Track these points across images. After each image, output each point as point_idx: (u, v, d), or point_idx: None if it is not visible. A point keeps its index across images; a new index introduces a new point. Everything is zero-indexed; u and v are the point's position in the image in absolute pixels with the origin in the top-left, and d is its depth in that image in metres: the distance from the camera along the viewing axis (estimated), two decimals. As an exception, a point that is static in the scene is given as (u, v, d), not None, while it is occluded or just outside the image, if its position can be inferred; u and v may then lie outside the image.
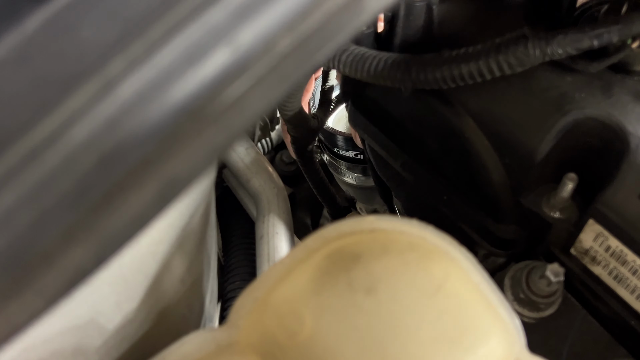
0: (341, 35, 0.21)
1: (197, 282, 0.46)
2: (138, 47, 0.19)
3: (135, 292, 0.35)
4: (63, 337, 0.31)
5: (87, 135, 0.18)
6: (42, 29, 0.19)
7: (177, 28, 0.19)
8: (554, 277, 0.39)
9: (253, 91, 0.20)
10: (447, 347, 0.28)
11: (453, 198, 0.49)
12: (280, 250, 0.59)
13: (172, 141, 0.19)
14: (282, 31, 0.20)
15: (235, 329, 0.30)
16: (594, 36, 0.36)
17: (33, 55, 0.19)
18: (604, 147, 0.40)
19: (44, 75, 0.18)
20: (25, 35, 0.19)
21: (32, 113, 0.18)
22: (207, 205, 0.44)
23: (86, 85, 0.18)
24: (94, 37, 0.19)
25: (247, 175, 0.67)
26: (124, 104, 0.18)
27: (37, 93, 0.18)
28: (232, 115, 0.20)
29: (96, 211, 0.19)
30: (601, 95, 0.40)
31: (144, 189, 0.19)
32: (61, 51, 0.19)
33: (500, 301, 0.31)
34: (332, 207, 0.82)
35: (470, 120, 0.44)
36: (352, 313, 0.29)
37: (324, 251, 0.31)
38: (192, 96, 0.19)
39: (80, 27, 0.19)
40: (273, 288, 0.31)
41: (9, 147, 0.18)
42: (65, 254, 0.19)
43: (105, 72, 0.18)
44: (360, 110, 0.55)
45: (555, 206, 0.42)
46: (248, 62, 0.19)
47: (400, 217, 0.65)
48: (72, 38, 0.19)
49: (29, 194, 0.18)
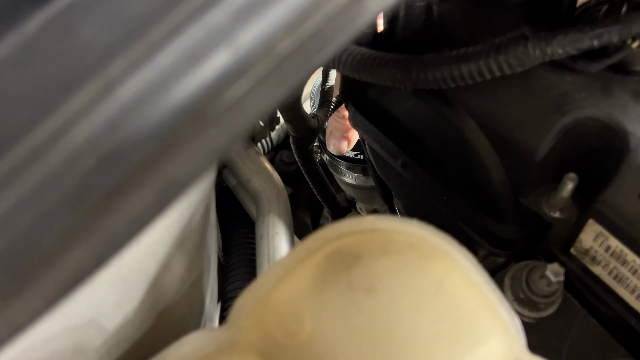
0: (341, 37, 0.21)
1: (197, 282, 0.46)
2: (139, 48, 0.19)
3: (135, 292, 0.35)
4: (63, 337, 0.31)
5: (87, 136, 0.18)
6: (43, 30, 0.19)
7: (178, 29, 0.19)
8: (554, 277, 0.39)
9: (253, 92, 0.20)
10: (447, 346, 0.28)
11: (453, 198, 0.49)
12: (280, 250, 0.59)
13: (173, 142, 0.19)
14: (283, 33, 0.20)
15: (235, 329, 0.30)
16: (594, 36, 0.36)
17: (33, 56, 0.19)
18: (604, 147, 0.40)
19: (45, 76, 0.18)
20: (26, 36, 0.19)
21: (32, 114, 0.18)
22: (207, 205, 0.44)
23: (87, 86, 0.18)
24: (95, 38, 0.19)
25: (247, 175, 0.67)
26: (125, 105, 0.18)
27: (37, 94, 0.18)
28: (232, 116, 0.20)
29: (97, 212, 0.19)
30: (601, 95, 0.40)
31: (144, 189, 0.19)
32: (61, 52, 0.19)
33: (500, 301, 0.31)
34: (332, 207, 0.82)
35: (470, 120, 0.44)
36: (352, 313, 0.29)
37: (324, 251, 0.31)
38: (193, 97, 0.19)
39: (80, 28, 0.19)
40: (273, 288, 0.31)
41: (9, 148, 0.18)
42: (65, 255, 0.19)
43: (105, 73, 0.18)
44: (360, 110, 0.55)
45: (555, 206, 0.42)
46: (248, 63, 0.19)
47: (400, 217, 0.65)
48: (73, 39, 0.19)
49: (29, 194, 0.18)
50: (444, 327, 0.29)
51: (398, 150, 0.53)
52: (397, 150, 0.53)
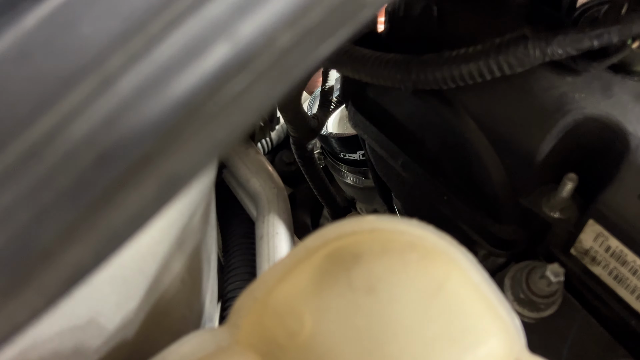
0: (343, 30, 0.21)
1: (197, 282, 0.46)
2: (137, 42, 0.19)
3: (135, 292, 0.35)
4: (63, 337, 0.31)
5: (86, 131, 0.18)
6: (41, 25, 0.19)
7: (177, 22, 0.19)
8: (554, 277, 0.39)
9: (254, 87, 0.20)
10: (447, 346, 0.28)
11: (453, 198, 0.49)
12: (280, 250, 0.59)
13: (172, 137, 0.19)
14: (283, 25, 0.20)
15: (235, 329, 0.30)
16: (594, 36, 0.36)
17: (32, 51, 0.19)
18: (604, 147, 0.40)
19: (43, 71, 0.18)
20: (25, 31, 0.19)
21: (31, 109, 0.18)
22: (207, 205, 0.44)
23: (85, 81, 0.18)
24: (93, 32, 0.19)
25: (247, 175, 0.67)
26: (124, 99, 0.18)
27: (36, 89, 0.18)
28: (232, 111, 0.20)
29: (96, 208, 0.18)
30: (601, 95, 0.40)
31: (144, 185, 0.19)
32: (60, 47, 0.19)
33: (500, 301, 0.31)
34: (332, 207, 0.82)
35: (470, 120, 0.44)
36: (352, 313, 0.29)
37: (324, 251, 0.31)
38: (192, 92, 0.19)
39: (79, 22, 0.19)
40: (273, 288, 0.30)
41: (8, 144, 0.18)
42: (65, 252, 0.19)
43: (104, 67, 0.18)
44: (360, 110, 0.55)
45: (555, 206, 0.42)
46: (248, 57, 0.19)
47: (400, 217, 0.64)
48: (71, 33, 0.19)
49: (28, 191, 0.18)
50: (444, 327, 0.29)
51: (398, 150, 0.53)
52: (397, 150, 0.53)
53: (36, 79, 0.18)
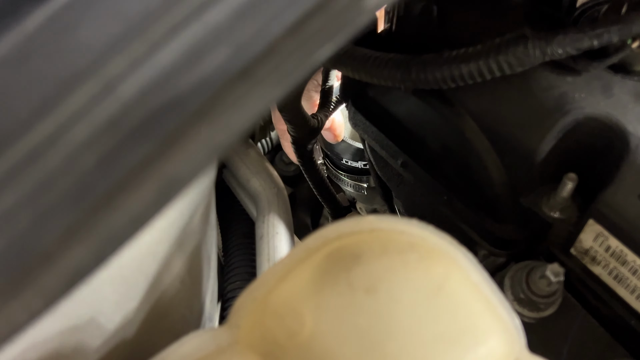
0: (341, 35, 0.21)
1: (197, 282, 0.46)
2: (139, 46, 0.19)
3: (135, 292, 0.35)
4: (63, 337, 0.31)
5: (87, 134, 0.18)
6: (43, 28, 0.19)
7: (178, 27, 0.19)
8: (554, 277, 0.39)
9: (253, 91, 0.20)
10: (447, 346, 0.28)
11: (453, 198, 0.49)
12: (280, 250, 0.59)
13: (173, 141, 0.19)
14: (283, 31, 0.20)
15: (235, 329, 0.30)
16: (594, 36, 0.36)
17: (33, 54, 0.19)
18: (604, 147, 0.40)
19: (45, 74, 0.18)
20: (26, 34, 0.19)
21: (32, 112, 0.18)
22: (207, 205, 0.44)
23: (87, 84, 0.18)
24: (95, 36, 0.19)
25: (247, 175, 0.67)
26: (125, 103, 0.18)
27: (37, 92, 0.18)
28: (232, 114, 0.20)
29: (97, 210, 0.19)
30: (601, 95, 0.40)
31: (144, 188, 0.19)
32: (62, 50, 0.19)
33: (500, 301, 0.31)
34: (332, 207, 0.82)
35: (470, 120, 0.44)
36: (352, 313, 0.29)
37: (324, 251, 0.31)
38: (193, 95, 0.19)
39: (80, 26, 0.19)
40: (273, 288, 0.31)
41: (9, 147, 0.18)
42: (65, 253, 0.19)
43: (105, 71, 0.18)
44: (360, 110, 0.55)
45: (555, 206, 0.42)
46: (249, 61, 0.19)
47: (400, 217, 0.64)
48: (73, 37, 0.19)
49: (29, 193, 0.18)
50: (444, 327, 0.29)
51: (398, 150, 0.53)
52: (397, 150, 0.53)
53: (37, 82, 0.18)
